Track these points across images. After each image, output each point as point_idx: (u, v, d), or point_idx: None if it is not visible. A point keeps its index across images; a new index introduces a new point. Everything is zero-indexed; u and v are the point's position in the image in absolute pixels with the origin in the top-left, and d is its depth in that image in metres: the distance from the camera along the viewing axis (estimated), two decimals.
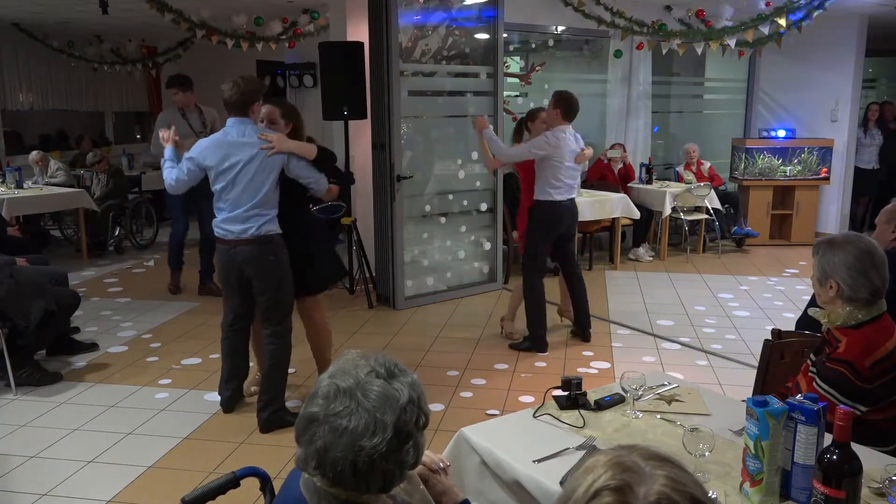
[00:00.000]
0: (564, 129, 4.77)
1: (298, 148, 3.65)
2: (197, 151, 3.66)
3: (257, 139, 3.57)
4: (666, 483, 0.89)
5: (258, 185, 3.59)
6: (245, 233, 3.61)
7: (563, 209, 4.87)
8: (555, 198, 4.81)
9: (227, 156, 3.58)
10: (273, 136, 3.61)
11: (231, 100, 3.57)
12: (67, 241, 8.66)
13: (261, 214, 3.62)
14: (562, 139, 4.73)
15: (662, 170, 9.07)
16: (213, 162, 3.60)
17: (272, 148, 3.57)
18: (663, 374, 2.77)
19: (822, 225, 8.85)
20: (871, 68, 10.24)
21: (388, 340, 5.27)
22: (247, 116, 3.62)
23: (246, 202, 3.59)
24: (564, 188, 4.83)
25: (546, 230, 4.91)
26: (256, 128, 3.64)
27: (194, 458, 3.51)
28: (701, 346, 5.12)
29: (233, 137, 3.59)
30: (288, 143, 3.63)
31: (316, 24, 7.90)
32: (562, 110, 4.75)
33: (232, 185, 3.59)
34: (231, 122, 3.63)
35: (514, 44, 8.27)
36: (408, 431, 1.31)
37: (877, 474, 1.73)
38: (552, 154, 4.72)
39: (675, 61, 9.25)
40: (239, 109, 3.60)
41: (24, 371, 4.35)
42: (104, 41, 10.39)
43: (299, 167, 3.67)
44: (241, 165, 3.56)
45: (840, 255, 2.14)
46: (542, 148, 4.73)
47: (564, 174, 4.80)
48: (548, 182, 4.79)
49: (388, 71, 5.68)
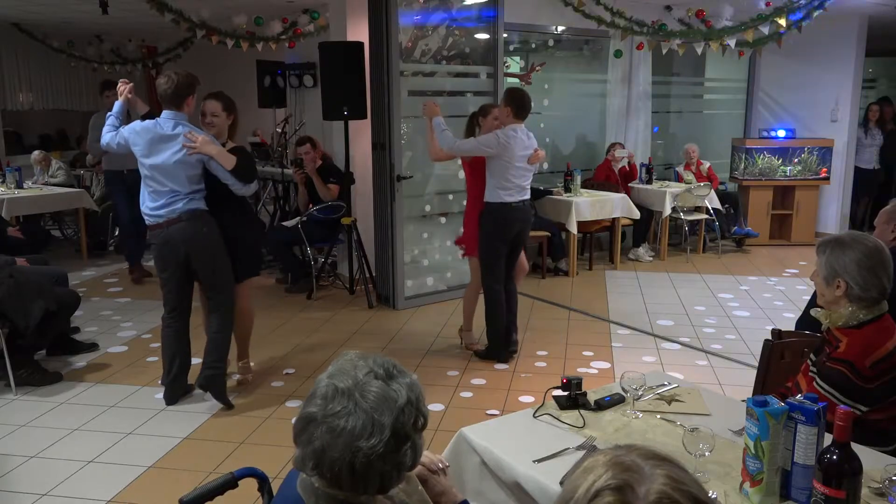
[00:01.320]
0: (516, 127, 4.58)
1: (218, 154, 3.80)
2: (129, 132, 3.85)
3: (183, 137, 3.74)
4: (666, 482, 0.89)
5: (181, 178, 3.78)
6: (173, 213, 3.79)
7: (514, 211, 4.65)
8: (504, 199, 4.60)
9: (153, 146, 3.77)
10: (199, 137, 3.77)
11: (166, 93, 3.77)
12: (67, 241, 8.66)
13: (184, 196, 3.80)
14: (512, 138, 4.52)
15: (662, 170, 9.07)
16: (140, 149, 3.80)
17: (194, 148, 3.73)
18: (663, 374, 2.77)
19: (822, 225, 8.85)
20: (871, 68, 10.23)
21: (388, 340, 5.26)
22: (181, 110, 3.82)
23: (169, 191, 3.79)
24: (515, 189, 4.62)
25: (499, 234, 4.68)
26: (187, 126, 3.80)
27: (193, 459, 3.51)
28: (701, 346, 5.12)
29: (162, 130, 3.78)
30: (209, 147, 3.78)
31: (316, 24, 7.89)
32: (513, 108, 4.58)
33: (155, 173, 3.78)
34: (165, 115, 3.82)
35: (514, 44, 8.26)
36: (405, 433, 1.31)
37: (877, 474, 1.73)
38: (501, 153, 4.52)
39: (675, 61, 9.24)
40: (173, 103, 3.80)
41: (24, 371, 4.35)
42: (104, 41, 10.39)
43: (217, 169, 3.84)
44: (162, 158, 3.75)
45: (850, 253, 2.14)
46: (491, 145, 4.52)
47: (514, 174, 4.59)
48: (498, 183, 4.59)
49: (388, 71, 5.67)
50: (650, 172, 8.13)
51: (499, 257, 4.74)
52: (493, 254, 4.72)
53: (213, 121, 3.94)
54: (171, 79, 3.76)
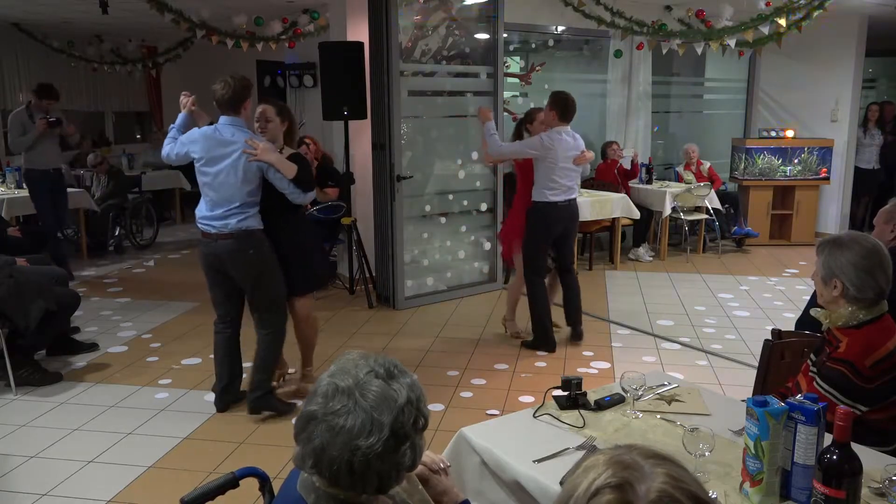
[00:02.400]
0: (560, 129, 4.76)
1: (279, 162, 3.71)
2: (187, 140, 3.77)
3: (244, 143, 3.65)
4: (666, 480, 0.89)
5: (239, 186, 3.68)
6: (225, 227, 3.70)
7: (559, 210, 4.85)
8: (550, 199, 4.79)
9: (212, 152, 3.68)
10: (260, 144, 3.67)
11: (223, 98, 3.67)
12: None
13: (240, 211, 3.71)
14: (557, 140, 4.71)
15: (662, 170, 9.07)
16: (199, 155, 3.72)
17: (255, 155, 3.64)
18: (663, 374, 2.77)
19: (822, 225, 8.85)
20: (871, 68, 10.23)
21: (388, 340, 5.26)
22: (238, 115, 3.71)
23: (225, 200, 3.69)
24: (560, 189, 4.81)
25: (543, 231, 4.91)
26: (246, 132, 3.72)
27: (194, 458, 3.51)
28: (701, 346, 5.12)
29: (222, 136, 3.68)
30: (270, 155, 3.68)
31: (316, 24, 7.89)
32: (558, 112, 4.76)
33: (213, 181, 3.70)
34: (223, 121, 3.72)
35: (514, 44, 8.27)
36: (405, 433, 1.31)
37: (877, 474, 1.73)
38: (546, 155, 4.71)
39: (675, 61, 9.25)
40: (231, 108, 3.69)
41: (24, 371, 4.35)
42: (104, 41, 10.38)
43: (276, 178, 3.75)
44: (223, 165, 3.66)
45: (847, 254, 2.13)
46: (536, 148, 4.73)
47: (560, 175, 4.77)
48: (543, 183, 4.79)
49: (388, 71, 5.68)
50: (650, 172, 8.13)
51: (540, 253, 4.98)
52: (535, 249, 4.95)
53: (267, 126, 3.84)
54: (228, 83, 3.66)
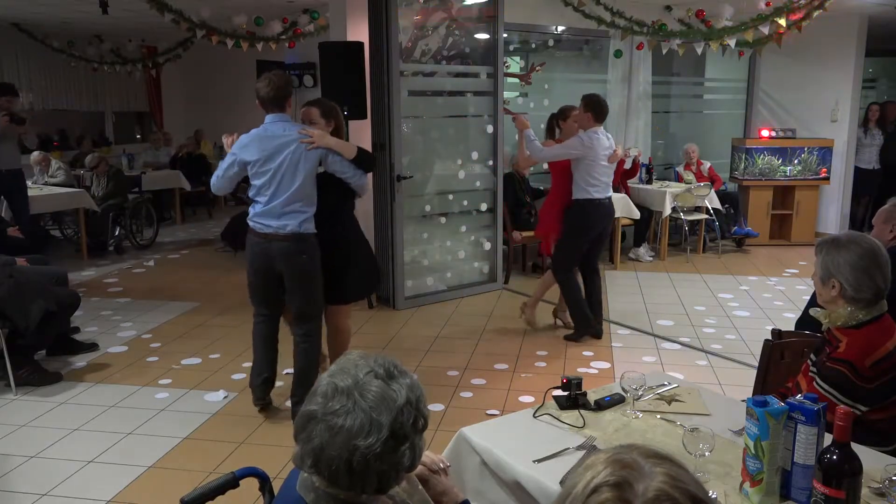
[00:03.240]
0: (597, 129, 4.94)
1: (338, 145, 3.69)
2: (238, 147, 3.70)
3: (297, 134, 3.61)
4: (665, 480, 0.89)
5: (296, 181, 3.61)
6: (283, 228, 3.63)
7: (602, 207, 5.01)
8: (594, 196, 4.94)
9: (267, 151, 3.62)
10: (314, 131, 3.65)
11: (268, 96, 3.64)
12: (67, 241, 8.66)
13: (299, 211, 3.65)
14: (595, 139, 4.90)
15: (662, 170, 9.07)
16: (253, 157, 3.64)
17: (312, 143, 3.61)
18: (663, 374, 2.77)
19: (822, 225, 8.85)
20: (871, 68, 10.23)
21: (388, 340, 5.26)
22: (284, 111, 3.70)
23: (283, 197, 3.62)
24: (602, 186, 4.98)
25: (586, 229, 5.04)
26: (296, 125, 3.69)
27: (194, 458, 3.51)
28: (701, 346, 5.12)
29: (273, 133, 3.64)
30: (328, 139, 3.67)
31: (316, 24, 7.90)
32: (593, 114, 4.95)
33: (271, 179, 3.62)
34: (270, 119, 3.69)
35: (514, 44, 8.27)
36: (404, 433, 1.31)
37: (877, 474, 1.73)
38: (587, 154, 4.88)
39: (675, 61, 9.25)
40: (277, 105, 3.67)
41: (24, 371, 4.35)
42: (104, 41, 10.40)
43: (336, 162, 3.70)
44: (280, 161, 3.60)
45: (844, 254, 2.14)
46: (577, 148, 4.89)
47: (600, 172, 4.94)
48: (585, 181, 4.93)
49: (388, 71, 5.68)
50: (650, 172, 8.13)
51: (577, 251, 5.08)
52: (573, 248, 5.08)
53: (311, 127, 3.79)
54: (271, 80, 3.63)
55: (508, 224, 6.70)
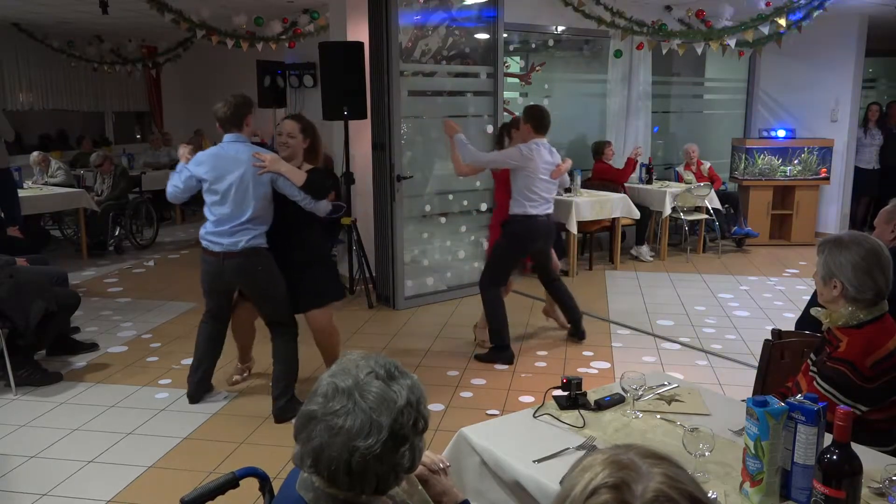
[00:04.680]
0: (538, 141, 4.68)
1: (288, 171, 3.76)
2: (193, 164, 3.79)
3: (250, 157, 3.69)
4: (663, 480, 0.89)
5: (248, 202, 3.70)
6: (235, 246, 3.72)
7: (538, 223, 4.74)
8: (529, 211, 4.68)
9: (219, 170, 3.71)
10: (267, 156, 3.72)
11: (225, 116, 3.74)
12: (67, 241, 8.66)
13: (249, 230, 3.74)
14: (535, 151, 4.63)
15: (662, 170, 9.07)
16: (206, 175, 3.73)
17: (264, 167, 3.68)
18: (663, 374, 2.77)
19: (822, 225, 8.85)
20: (871, 68, 10.23)
21: (388, 340, 5.26)
22: (241, 131, 3.77)
23: (235, 217, 3.72)
24: (539, 202, 4.71)
25: (520, 246, 4.83)
26: (251, 147, 3.76)
27: (194, 458, 3.51)
28: (701, 346, 5.12)
29: (227, 153, 3.72)
30: (280, 164, 3.74)
31: (316, 24, 7.90)
32: (533, 125, 4.68)
33: (222, 199, 3.72)
34: (227, 139, 3.78)
35: (514, 44, 8.27)
36: (404, 434, 1.31)
37: (877, 474, 1.73)
38: (525, 165, 4.62)
39: (675, 61, 9.25)
40: (233, 125, 3.76)
41: (24, 371, 4.35)
42: (104, 41, 10.40)
43: (286, 186, 3.77)
44: (232, 181, 3.68)
45: (846, 254, 2.14)
46: (515, 158, 4.64)
47: (539, 187, 4.68)
48: (522, 195, 4.68)
49: (388, 71, 5.68)
50: (650, 172, 8.13)
51: (508, 266, 4.88)
52: (505, 261, 4.86)
53: (288, 141, 3.85)
54: (228, 101, 3.73)
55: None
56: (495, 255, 4.90)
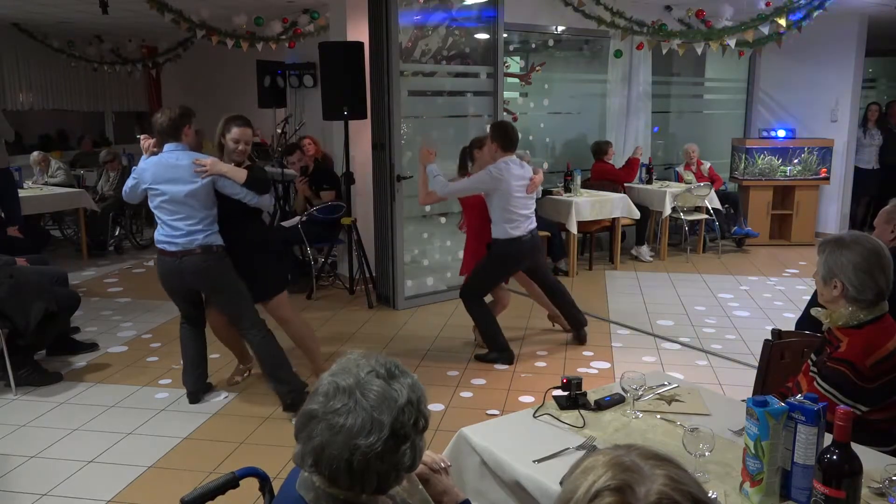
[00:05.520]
0: (507, 159, 4.54)
1: (230, 171, 3.87)
2: (138, 171, 3.93)
3: (191, 164, 3.81)
4: (666, 482, 0.89)
5: (191, 205, 3.83)
6: (191, 244, 3.84)
7: (522, 245, 4.63)
8: (512, 234, 4.57)
9: (160, 177, 3.84)
10: (207, 160, 3.84)
11: (163, 127, 3.87)
12: (67, 241, 8.66)
13: (204, 229, 3.87)
14: (504, 170, 4.49)
15: (662, 170, 9.07)
16: (149, 181, 3.88)
17: (206, 170, 3.81)
18: (663, 374, 2.77)
19: (822, 225, 8.85)
20: (871, 68, 10.23)
21: (389, 340, 5.26)
22: (180, 140, 3.90)
23: (183, 220, 3.85)
24: (520, 220, 4.59)
25: (505, 269, 4.81)
26: (190, 154, 3.87)
27: (194, 458, 3.51)
28: (701, 346, 5.12)
29: (168, 161, 3.85)
30: (220, 166, 3.86)
31: (316, 24, 7.88)
32: (500, 143, 4.55)
33: (167, 204, 3.85)
34: (167, 148, 3.90)
35: (514, 44, 8.26)
36: (405, 433, 1.31)
37: (877, 474, 1.73)
38: (497, 187, 4.50)
39: (675, 61, 9.24)
40: (171, 135, 3.89)
41: (24, 371, 4.35)
42: (104, 41, 10.39)
43: (227, 185, 3.88)
44: (174, 187, 3.81)
45: (847, 254, 2.13)
46: (485, 182, 4.51)
47: (516, 205, 4.55)
48: (501, 217, 4.56)
49: (388, 71, 5.68)
50: (650, 172, 8.13)
51: (491, 286, 4.87)
52: (489, 281, 4.84)
53: (237, 147, 3.92)
54: (166, 112, 3.88)
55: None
56: (478, 275, 4.77)
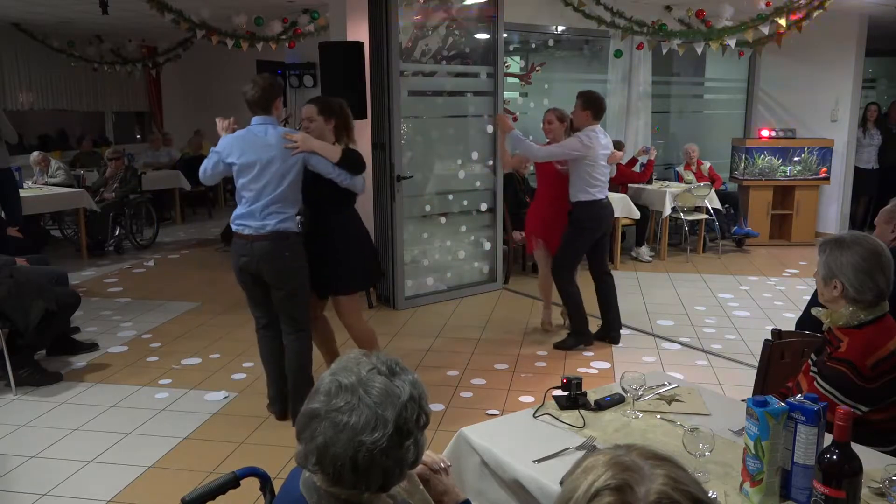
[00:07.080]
0: (595, 128, 4.83)
1: (322, 148, 3.69)
2: (221, 146, 3.72)
3: (280, 139, 3.63)
4: (666, 482, 0.89)
5: (277, 185, 3.62)
6: (263, 229, 3.64)
7: (604, 208, 4.96)
8: (596, 196, 4.85)
9: (249, 154, 3.63)
10: (298, 135, 3.67)
11: (254, 98, 3.65)
12: (67, 241, 8.66)
13: (278, 212, 3.65)
14: (594, 138, 4.78)
15: (662, 170, 9.07)
16: (236, 159, 3.66)
17: (296, 147, 3.62)
18: (663, 374, 2.77)
19: (822, 225, 8.85)
20: (871, 68, 10.23)
21: (389, 340, 5.26)
22: (270, 114, 3.70)
23: (264, 200, 3.63)
24: (602, 186, 4.89)
25: (591, 230, 4.96)
26: (280, 129, 3.70)
27: (194, 458, 3.51)
28: (701, 346, 5.12)
29: (255, 135, 3.65)
30: (312, 142, 3.68)
31: (316, 24, 7.89)
32: (592, 111, 4.83)
33: (252, 182, 3.64)
34: (255, 121, 3.70)
35: (514, 44, 8.27)
36: (408, 429, 1.32)
37: (877, 474, 1.73)
38: (587, 153, 4.76)
39: (675, 61, 9.25)
40: (261, 107, 3.68)
41: (24, 371, 4.35)
42: (104, 41, 10.40)
43: (320, 163, 3.70)
44: (261, 164, 3.61)
45: (847, 255, 2.13)
46: (577, 149, 4.75)
47: (600, 172, 4.84)
48: (586, 182, 4.82)
49: (388, 71, 5.68)
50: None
51: (579, 254, 5.02)
52: (576, 250, 5.00)
53: (309, 126, 3.80)
54: (257, 83, 3.66)
55: (508, 224, 6.70)
56: (564, 248, 4.98)
